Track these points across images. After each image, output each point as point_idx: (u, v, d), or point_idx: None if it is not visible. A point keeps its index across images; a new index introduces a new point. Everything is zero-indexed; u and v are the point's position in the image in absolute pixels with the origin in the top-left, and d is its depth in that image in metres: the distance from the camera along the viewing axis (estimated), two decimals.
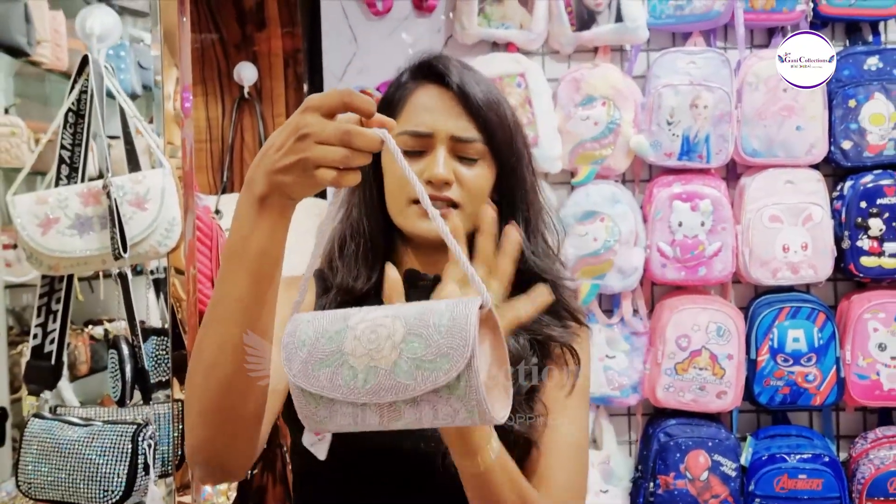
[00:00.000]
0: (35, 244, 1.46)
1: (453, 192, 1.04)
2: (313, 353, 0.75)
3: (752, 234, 2.48)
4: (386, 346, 0.72)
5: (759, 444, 2.55)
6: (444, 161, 1.03)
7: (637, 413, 2.69)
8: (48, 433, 1.50)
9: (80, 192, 1.49)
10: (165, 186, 1.49)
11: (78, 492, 1.45)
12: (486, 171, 1.07)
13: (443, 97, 1.05)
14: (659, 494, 2.51)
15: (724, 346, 2.49)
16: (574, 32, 2.52)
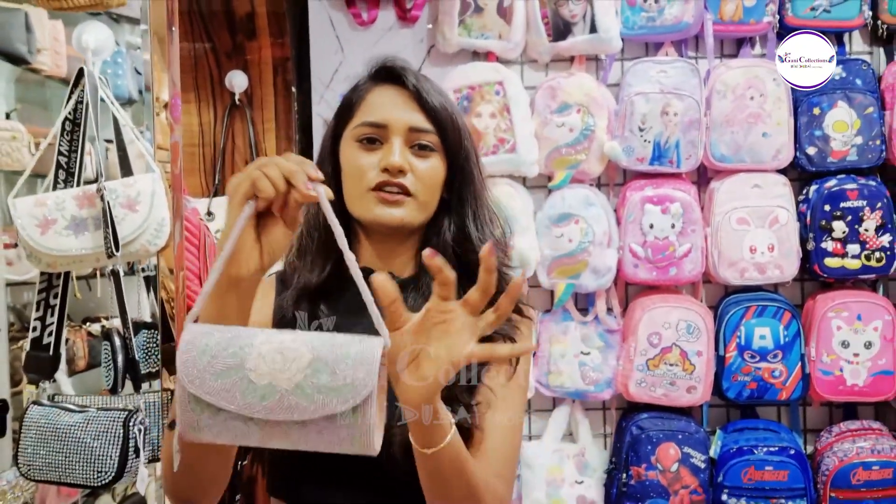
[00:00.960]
0: (34, 243, 1.58)
1: (407, 180, 1.12)
2: (213, 364, 0.78)
3: (720, 236, 2.59)
4: (291, 368, 0.77)
5: (728, 438, 2.65)
6: (399, 150, 1.12)
7: (611, 407, 2.80)
8: (46, 419, 1.62)
9: (75, 196, 1.60)
10: (155, 190, 1.61)
11: (74, 472, 1.56)
12: (438, 164, 1.15)
13: (400, 95, 1.15)
14: (631, 485, 2.62)
15: (693, 343, 2.60)
16: (551, 42, 2.63)
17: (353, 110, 1.16)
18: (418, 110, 1.14)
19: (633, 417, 2.68)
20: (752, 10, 2.62)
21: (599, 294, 2.69)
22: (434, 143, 1.14)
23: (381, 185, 1.12)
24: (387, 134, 1.13)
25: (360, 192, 1.13)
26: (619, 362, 2.67)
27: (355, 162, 1.14)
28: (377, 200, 1.12)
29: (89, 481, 1.57)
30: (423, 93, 1.14)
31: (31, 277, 2.49)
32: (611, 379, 2.68)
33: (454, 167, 1.17)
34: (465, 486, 0.97)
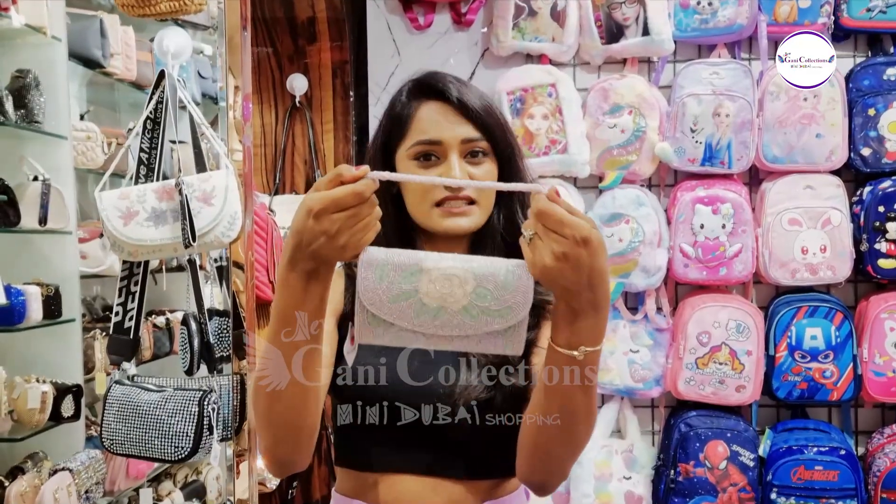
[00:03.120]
0: (118, 234, 1.68)
1: (469, 190, 1.17)
2: (391, 288, 0.91)
3: (771, 237, 2.61)
4: (458, 293, 0.90)
5: (778, 437, 2.66)
6: (458, 165, 1.17)
7: (660, 405, 2.83)
8: (127, 397, 1.72)
9: (156, 189, 1.71)
10: (229, 185, 1.70)
11: (153, 447, 1.66)
12: (491, 167, 1.21)
13: (446, 110, 1.19)
14: (679, 481, 2.64)
15: (743, 343, 2.62)
16: (603, 45, 2.69)
17: (404, 128, 1.20)
18: (466, 121, 1.18)
19: (681, 415, 2.70)
20: (806, 12, 2.64)
21: (649, 293, 2.72)
22: (484, 148, 1.20)
23: (445, 200, 1.18)
24: (443, 150, 1.18)
25: (425, 208, 1.19)
26: (668, 360, 2.70)
27: (417, 183, 1.20)
28: (444, 214, 1.18)
29: (167, 456, 1.67)
30: (468, 102, 1.19)
31: (102, 270, 2.62)
32: (659, 377, 2.71)
33: (502, 163, 1.23)
34: (592, 404, 1.01)
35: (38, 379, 2.32)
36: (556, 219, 0.86)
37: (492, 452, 1.18)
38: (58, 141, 2.49)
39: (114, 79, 2.87)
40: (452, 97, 1.19)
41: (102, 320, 2.71)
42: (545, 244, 0.87)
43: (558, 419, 0.99)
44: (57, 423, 2.37)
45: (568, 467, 1.08)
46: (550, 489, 1.11)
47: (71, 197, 2.48)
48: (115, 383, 1.77)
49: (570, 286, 0.88)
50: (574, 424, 0.99)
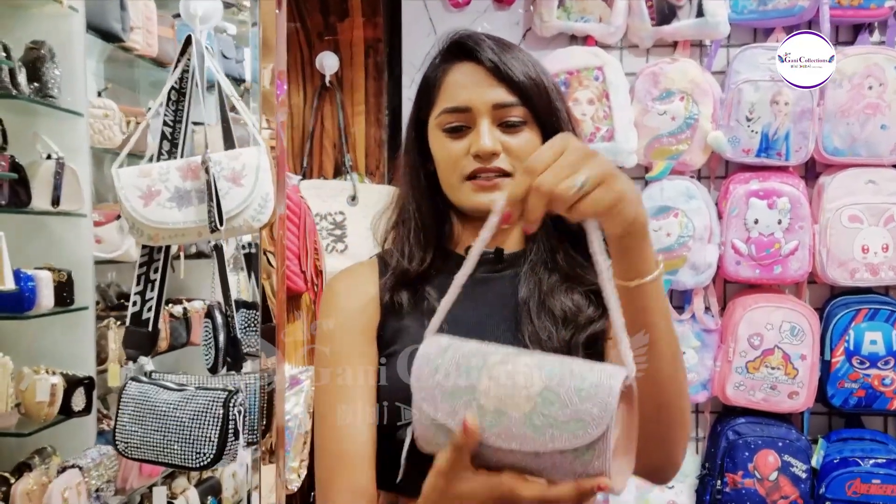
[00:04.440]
0: (137, 215, 1.53)
1: (502, 161, 1.04)
2: (444, 384, 0.76)
3: (830, 234, 2.45)
4: (520, 396, 0.71)
5: (832, 447, 2.51)
6: (488, 132, 1.03)
7: (705, 410, 2.67)
8: (144, 396, 1.57)
9: (179, 167, 1.55)
10: (260, 163, 1.54)
11: (172, 453, 1.51)
12: (531, 135, 1.06)
13: (477, 72, 1.06)
14: (726, 492, 2.50)
15: (797, 346, 2.46)
16: (654, 27, 2.52)
17: (433, 95, 1.09)
18: (500, 84, 1.05)
19: (729, 422, 2.55)
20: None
21: (697, 291, 2.56)
22: (523, 116, 1.05)
23: (476, 172, 1.05)
24: (472, 117, 1.05)
25: (455, 182, 1.07)
26: (716, 363, 2.55)
27: (445, 152, 1.07)
28: (474, 189, 1.05)
29: (187, 462, 1.52)
30: (502, 65, 1.05)
31: (118, 255, 2.49)
32: (706, 380, 2.56)
33: (546, 133, 1.07)
34: (678, 353, 0.89)
35: (47, 370, 2.20)
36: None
37: None
38: (73, 118, 2.35)
39: (133, 55, 2.74)
40: (484, 58, 1.05)
41: (117, 308, 2.58)
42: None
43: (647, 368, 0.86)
44: (67, 418, 2.24)
45: (678, 438, 0.93)
46: (669, 470, 0.96)
47: (86, 177, 2.35)
48: (132, 380, 1.62)
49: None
50: (660, 368, 0.87)
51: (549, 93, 1.08)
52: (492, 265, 1.10)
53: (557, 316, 1.02)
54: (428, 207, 1.12)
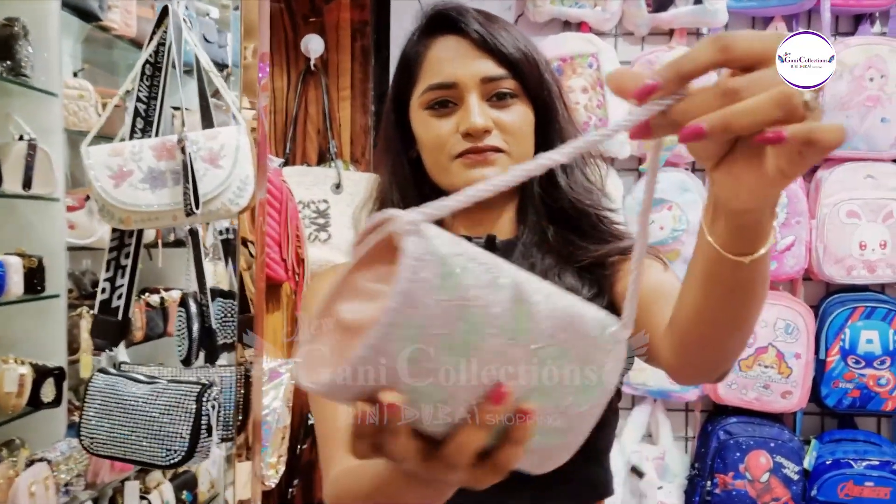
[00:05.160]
0: (107, 196, 1.44)
1: (494, 139, 0.97)
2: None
3: (827, 230, 2.39)
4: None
5: (824, 448, 2.45)
6: (478, 108, 0.96)
7: (695, 409, 2.61)
8: (112, 389, 1.48)
9: (153, 146, 1.46)
10: (240, 144, 1.45)
11: (140, 449, 1.43)
12: (523, 109, 0.99)
13: (462, 45, 0.98)
14: (716, 494, 2.44)
15: (791, 345, 2.41)
16: (650, 13, 2.45)
17: (415, 72, 1.01)
18: (488, 57, 0.97)
19: (720, 421, 2.49)
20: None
21: None
22: (513, 89, 0.98)
23: (467, 152, 0.97)
24: (459, 93, 0.97)
25: (444, 162, 0.99)
26: None
27: (431, 133, 0.99)
28: (465, 165, 0.98)
29: (157, 460, 1.43)
30: (489, 36, 0.97)
31: (92, 242, 2.39)
32: None
33: (538, 107, 1.01)
34: (765, 295, 0.72)
35: (15, 360, 2.11)
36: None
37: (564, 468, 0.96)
38: (47, 98, 2.25)
39: (111, 35, 2.64)
40: (470, 29, 0.97)
41: (91, 297, 2.48)
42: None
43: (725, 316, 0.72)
44: (36, 409, 2.14)
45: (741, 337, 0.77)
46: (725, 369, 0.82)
47: (59, 160, 2.25)
48: (99, 372, 1.53)
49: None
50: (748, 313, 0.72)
51: (540, 65, 1.01)
52: None
53: None
54: (413, 196, 1.04)
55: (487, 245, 1.03)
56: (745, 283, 0.66)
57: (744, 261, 0.62)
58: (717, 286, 0.67)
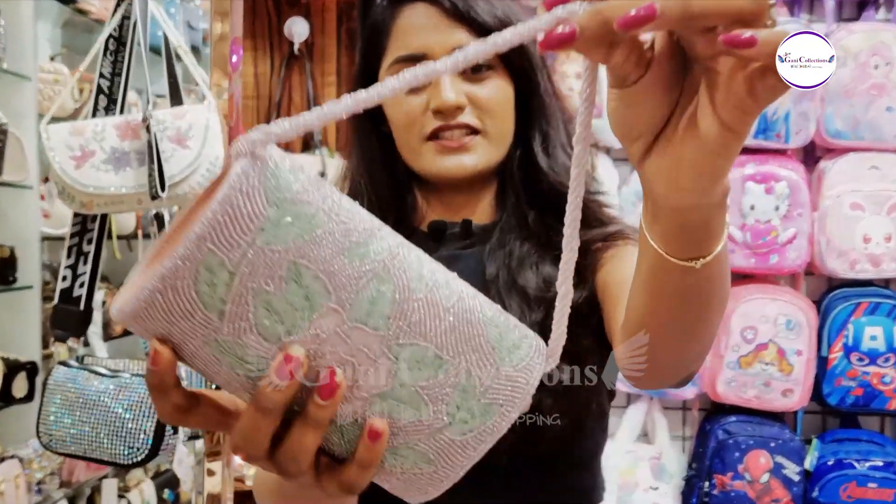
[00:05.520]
0: (68, 178, 1.35)
1: (468, 116, 0.89)
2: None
3: (830, 222, 2.31)
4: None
5: (826, 448, 2.38)
6: (449, 83, 0.88)
7: (693, 407, 2.54)
8: (73, 382, 1.39)
9: (117, 125, 1.37)
10: (209, 123, 1.37)
11: (101, 447, 1.34)
12: (502, 83, 0.91)
13: (432, 13, 0.90)
14: (714, 495, 2.36)
15: (793, 341, 2.33)
16: None
17: (382, 43, 0.92)
18: (460, 25, 0.89)
19: (719, 420, 2.41)
20: None
21: None
22: (490, 60, 0.89)
23: (438, 131, 0.89)
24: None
25: (415, 144, 0.91)
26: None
27: (400, 110, 0.91)
28: (437, 151, 0.90)
29: (118, 458, 1.35)
30: (462, 3, 0.89)
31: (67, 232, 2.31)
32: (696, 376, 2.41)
33: (517, 80, 0.92)
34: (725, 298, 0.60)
35: None
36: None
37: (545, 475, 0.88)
38: (19, 81, 2.17)
39: (90, 19, 2.55)
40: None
41: None
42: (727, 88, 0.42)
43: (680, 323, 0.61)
44: (7, 405, 2.07)
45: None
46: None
47: (32, 146, 2.16)
48: (60, 365, 1.44)
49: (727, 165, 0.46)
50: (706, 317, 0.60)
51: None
52: (459, 240, 0.94)
53: (530, 294, 0.86)
54: (383, 178, 0.96)
55: (463, 230, 0.94)
56: (698, 290, 0.55)
57: (693, 265, 0.51)
58: (664, 294, 0.56)
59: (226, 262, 0.41)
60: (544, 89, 0.94)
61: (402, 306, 0.44)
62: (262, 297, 0.41)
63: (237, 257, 0.41)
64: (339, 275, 0.43)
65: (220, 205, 0.40)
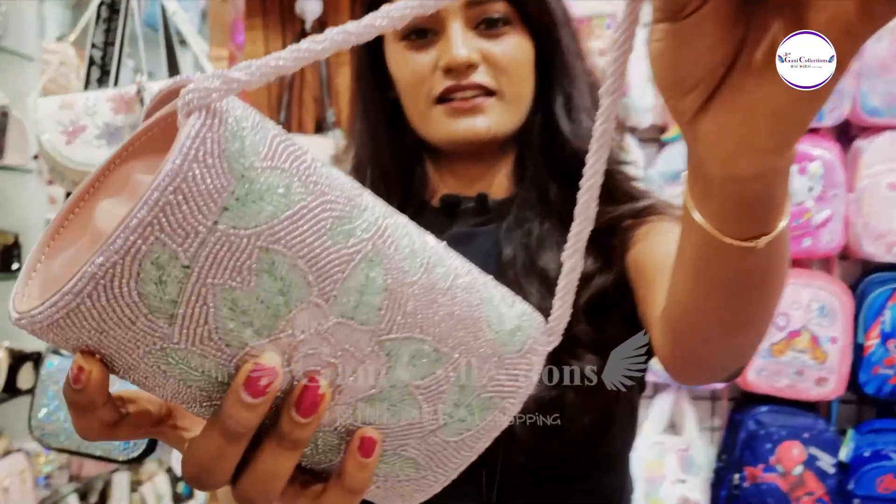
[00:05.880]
0: (58, 155, 1.28)
1: (481, 75, 0.80)
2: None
3: (866, 204, 2.20)
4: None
5: (862, 439, 2.28)
6: (461, 38, 0.79)
7: (722, 397, 2.44)
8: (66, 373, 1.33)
9: (111, 98, 1.29)
10: None
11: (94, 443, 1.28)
12: (520, 39, 0.82)
13: None
14: (745, 488, 2.27)
15: (827, 328, 2.23)
16: None
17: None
18: None
19: (749, 410, 2.32)
20: None
21: None
22: (507, 14, 0.81)
23: (449, 92, 0.81)
24: (439, 19, 0.80)
25: (423, 107, 0.83)
26: None
27: (407, 69, 0.82)
28: (447, 113, 0.81)
29: (113, 454, 1.28)
30: None
31: None
32: None
33: (540, 37, 0.83)
34: (786, 277, 0.52)
35: None
36: None
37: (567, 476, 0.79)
38: (21, 61, 2.11)
39: None
40: None
41: None
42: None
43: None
44: (12, 397, 2.01)
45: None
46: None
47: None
48: (53, 353, 1.38)
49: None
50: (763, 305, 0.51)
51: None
52: (473, 216, 0.85)
53: (551, 278, 0.77)
54: (389, 147, 0.88)
55: (477, 205, 0.85)
56: (759, 272, 0.46)
57: (755, 245, 0.42)
58: (717, 280, 0.47)
59: (179, 255, 0.31)
60: (567, 47, 0.85)
61: (394, 294, 0.36)
62: (225, 294, 0.33)
63: (194, 247, 0.32)
64: (320, 261, 0.34)
65: (171, 179, 0.31)
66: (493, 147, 0.84)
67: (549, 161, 0.84)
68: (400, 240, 0.37)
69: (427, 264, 0.37)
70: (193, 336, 0.33)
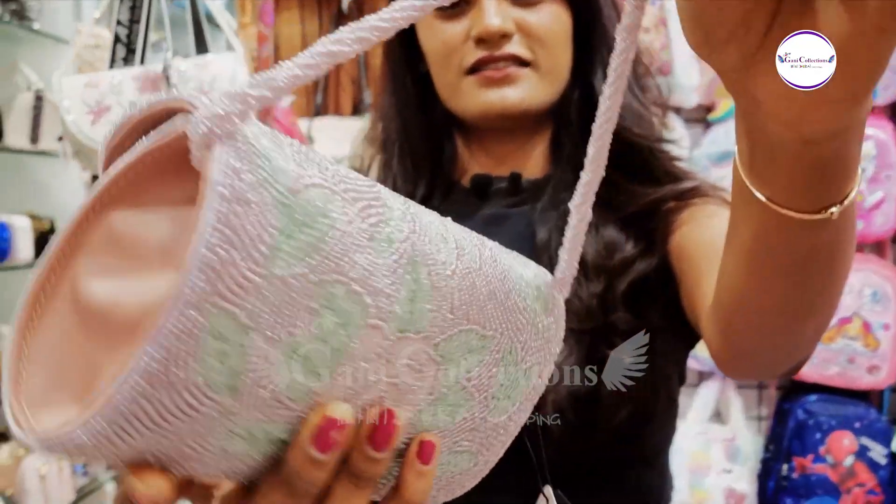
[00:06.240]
0: (83, 136, 1.26)
1: (515, 46, 0.76)
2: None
3: None
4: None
5: None
6: (494, 7, 0.75)
7: (770, 386, 2.37)
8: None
9: (136, 76, 1.27)
10: (236, 74, 1.26)
11: None
12: (557, 9, 0.77)
13: None
14: (793, 478, 2.20)
15: (880, 314, 2.15)
16: None
17: None
18: None
19: (798, 399, 2.25)
20: None
21: None
22: None
23: (481, 63, 0.76)
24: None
25: (453, 79, 0.78)
26: None
27: (437, 40, 0.78)
28: (479, 83, 0.77)
29: None
30: None
31: None
32: None
33: (578, 6, 0.79)
34: (853, 252, 0.47)
35: None
36: None
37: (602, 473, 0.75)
38: (57, 45, 2.10)
39: None
40: None
41: None
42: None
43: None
44: None
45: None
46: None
47: None
48: None
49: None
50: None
51: None
52: (506, 197, 0.80)
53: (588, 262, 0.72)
54: (418, 123, 0.84)
55: (511, 185, 0.81)
56: (829, 249, 0.40)
57: (828, 216, 0.37)
58: (779, 264, 0.41)
59: (238, 316, 0.27)
60: (608, 17, 0.80)
61: (440, 291, 0.32)
62: (288, 347, 0.28)
63: (252, 304, 0.27)
64: (371, 277, 0.30)
65: (217, 229, 0.26)
66: (526, 122, 0.80)
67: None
68: (429, 228, 0.33)
69: (457, 248, 0.34)
70: (258, 403, 0.29)
